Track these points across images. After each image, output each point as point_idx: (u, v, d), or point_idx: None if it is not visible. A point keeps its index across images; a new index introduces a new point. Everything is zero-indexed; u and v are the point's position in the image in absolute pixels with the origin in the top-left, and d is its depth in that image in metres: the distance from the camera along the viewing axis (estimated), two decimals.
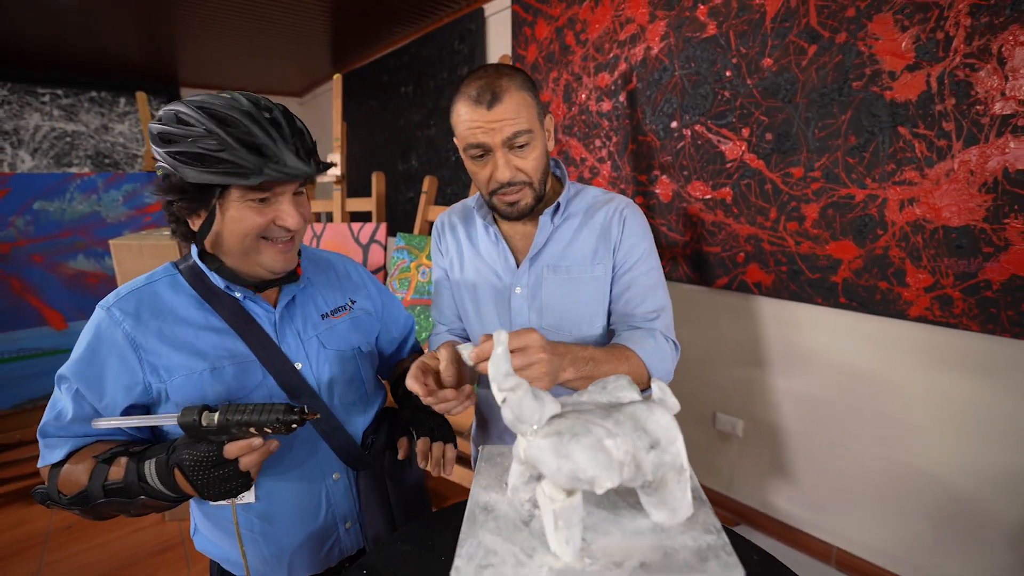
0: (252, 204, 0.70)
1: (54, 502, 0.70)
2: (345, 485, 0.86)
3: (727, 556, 0.40)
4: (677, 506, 0.43)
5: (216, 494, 0.65)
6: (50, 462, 0.72)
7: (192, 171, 0.66)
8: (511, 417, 0.40)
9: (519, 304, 0.93)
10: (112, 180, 2.90)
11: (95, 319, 0.73)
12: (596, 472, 0.37)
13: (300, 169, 0.69)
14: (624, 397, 0.46)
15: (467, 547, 0.42)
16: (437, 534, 0.67)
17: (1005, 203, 1.17)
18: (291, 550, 0.82)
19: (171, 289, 0.78)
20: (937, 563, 1.44)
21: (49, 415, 0.73)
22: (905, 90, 1.28)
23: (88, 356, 0.71)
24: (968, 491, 1.36)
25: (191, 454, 0.63)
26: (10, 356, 2.58)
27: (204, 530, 0.86)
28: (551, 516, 0.39)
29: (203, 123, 0.66)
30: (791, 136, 1.50)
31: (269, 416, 0.63)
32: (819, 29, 1.40)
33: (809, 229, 1.51)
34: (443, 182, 3.12)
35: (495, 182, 0.85)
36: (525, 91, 0.82)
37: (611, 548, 0.42)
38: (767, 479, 1.82)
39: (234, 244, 0.73)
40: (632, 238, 0.91)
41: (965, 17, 1.16)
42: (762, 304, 1.71)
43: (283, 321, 0.82)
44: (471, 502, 0.48)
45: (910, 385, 1.42)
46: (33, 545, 2.12)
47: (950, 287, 1.29)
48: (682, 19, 1.70)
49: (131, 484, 0.66)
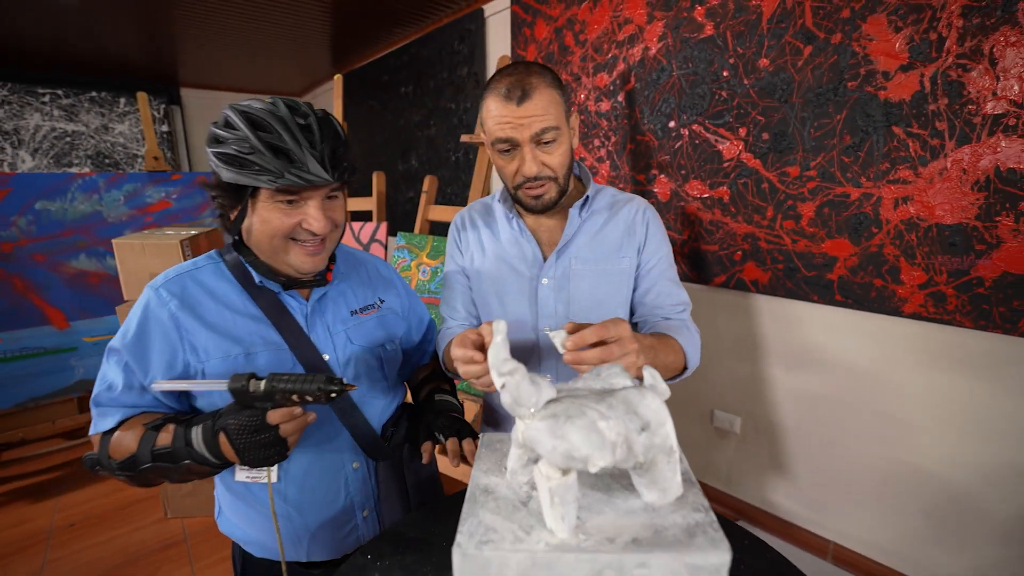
0: (280, 206, 0.74)
1: (103, 467, 0.75)
2: (364, 474, 0.90)
3: (714, 532, 0.42)
4: (667, 486, 0.45)
5: (255, 459, 0.69)
6: (102, 429, 0.77)
7: (227, 171, 0.71)
8: (509, 400, 0.42)
9: (546, 295, 0.95)
10: (113, 180, 2.92)
11: (144, 298, 0.78)
12: (589, 451, 0.39)
13: (321, 176, 0.72)
14: (617, 383, 0.48)
15: (468, 525, 0.44)
16: (442, 523, 0.69)
17: (997, 201, 1.19)
18: (310, 533, 0.86)
19: (215, 276, 0.82)
20: (932, 558, 1.46)
21: (100, 387, 0.78)
22: (899, 90, 1.29)
23: (137, 332, 0.76)
24: (962, 486, 1.38)
25: (236, 419, 0.67)
26: (12, 355, 2.59)
27: (228, 512, 0.90)
28: (547, 494, 0.41)
29: (241, 127, 0.70)
30: (787, 135, 1.51)
31: (311, 385, 0.67)
32: (815, 30, 1.42)
33: (805, 227, 1.53)
34: (443, 182, 3.14)
35: (521, 176, 0.87)
36: (554, 89, 0.85)
37: (604, 526, 0.44)
38: (765, 476, 1.83)
39: (264, 242, 0.77)
40: (657, 237, 0.97)
41: (957, 18, 1.18)
42: (759, 302, 1.73)
43: (314, 314, 0.86)
44: (472, 485, 0.50)
45: (905, 381, 1.44)
46: (36, 542, 2.14)
47: (944, 284, 1.31)
48: (680, 20, 1.72)
49: (178, 449, 0.70)
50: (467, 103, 2.86)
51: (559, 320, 0.94)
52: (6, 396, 2.56)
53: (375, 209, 2.64)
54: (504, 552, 0.41)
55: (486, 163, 2.18)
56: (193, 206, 3.19)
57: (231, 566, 1.89)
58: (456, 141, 2.98)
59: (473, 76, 2.77)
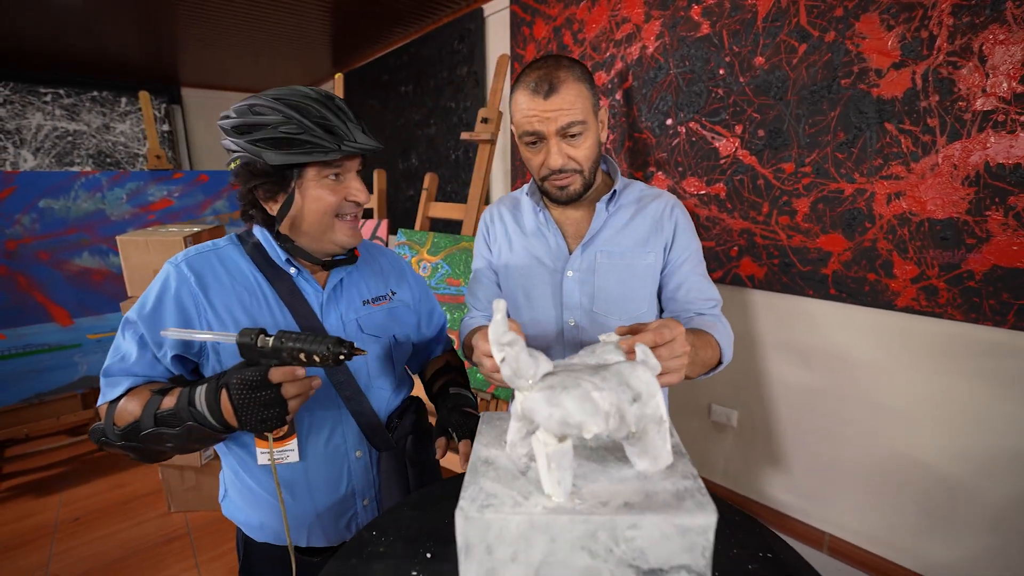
0: (327, 182, 0.78)
1: (107, 439, 0.76)
2: (366, 463, 0.91)
3: (701, 497, 0.45)
4: (658, 454, 0.48)
5: (253, 419, 0.68)
6: (110, 399, 0.78)
7: (274, 154, 0.73)
8: (509, 373, 0.45)
9: (570, 287, 0.96)
10: (116, 179, 2.94)
11: (164, 273, 0.80)
12: (583, 418, 0.42)
13: (370, 143, 0.77)
14: (610, 359, 0.50)
15: (470, 491, 0.47)
16: (442, 502, 0.71)
17: (986, 196, 1.21)
18: (312, 518, 0.88)
19: (236, 257, 0.85)
20: (924, 546, 1.48)
21: (113, 358, 0.79)
22: (891, 87, 1.32)
23: (155, 305, 0.78)
24: (953, 475, 1.40)
25: (239, 375, 0.68)
26: (17, 352, 2.62)
27: (233, 495, 0.92)
28: (544, 460, 0.44)
29: (282, 111, 0.73)
30: (782, 132, 1.54)
31: (320, 346, 0.66)
32: (809, 28, 1.44)
33: (800, 223, 1.55)
34: (443, 180, 3.16)
35: (547, 168, 0.89)
36: (582, 83, 0.86)
37: (598, 491, 0.46)
38: (761, 469, 1.86)
39: (314, 223, 0.80)
40: (687, 233, 0.99)
41: (948, 17, 1.21)
42: (755, 297, 1.75)
43: (329, 302, 0.88)
44: (473, 457, 0.53)
45: (898, 373, 1.46)
46: (42, 535, 2.17)
47: (935, 278, 1.33)
48: (676, 19, 1.74)
49: (181, 409, 0.70)
50: (467, 102, 2.89)
51: (583, 312, 0.95)
52: (11, 392, 2.59)
53: (376, 206, 2.66)
54: (504, 515, 0.43)
55: (486, 161, 2.21)
56: (195, 204, 3.21)
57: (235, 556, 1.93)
58: (456, 140, 3.01)
59: (473, 75, 2.79)
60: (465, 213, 2.26)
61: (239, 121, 0.75)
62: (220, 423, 0.69)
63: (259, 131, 0.74)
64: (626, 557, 0.43)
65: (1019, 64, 1.13)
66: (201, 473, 2.27)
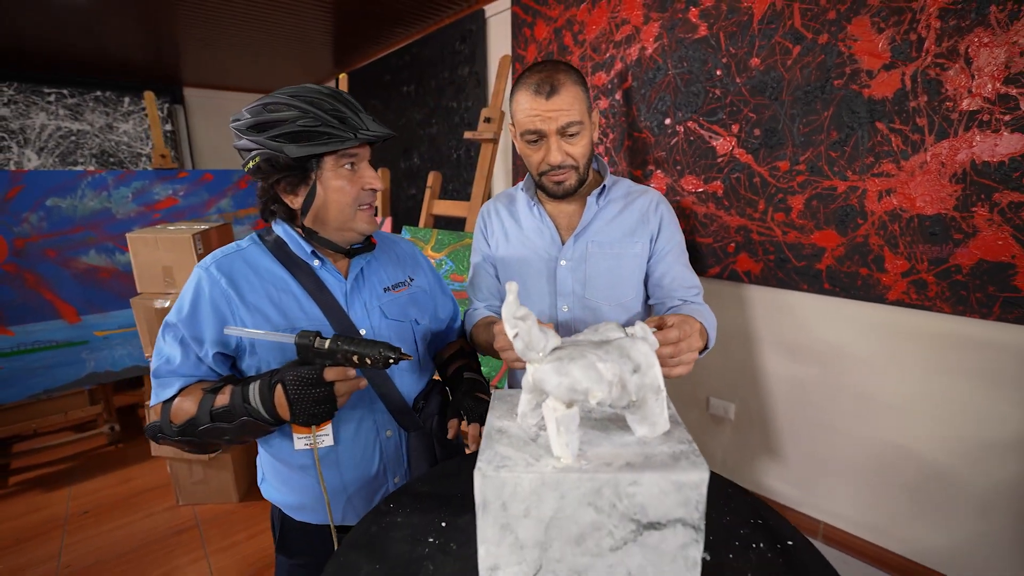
0: (345, 171, 0.83)
1: (164, 435, 0.81)
2: (396, 443, 0.97)
3: (695, 458, 0.49)
4: (656, 421, 0.52)
5: (305, 413, 0.74)
6: (163, 399, 0.84)
7: (295, 147, 0.78)
8: (522, 346, 0.49)
9: (564, 275, 1.03)
10: (122, 178, 2.98)
11: (195, 277, 0.85)
12: (589, 384, 0.47)
13: (382, 130, 0.82)
14: (612, 336, 0.55)
15: (486, 455, 0.51)
16: (456, 477, 0.76)
17: (973, 193, 1.26)
18: (348, 493, 0.94)
19: (260, 256, 0.90)
20: (915, 533, 1.53)
21: (158, 360, 0.85)
22: (882, 88, 1.37)
23: (192, 308, 0.83)
24: (942, 464, 1.45)
25: (294, 373, 0.73)
26: (26, 348, 2.65)
27: (272, 478, 0.97)
28: (554, 424, 0.48)
29: (298, 107, 0.78)
30: (777, 132, 1.58)
31: (372, 349, 0.73)
32: (803, 31, 1.49)
33: (795, 219, 1.60)
34: (445, 179, 3.20)
35: (546, 164, 0.96)
36: (579, 86, 0.93)
37: (602, 454, 0.51)
38: (758, 460, 1.90)
39: (337, 213, 0.85)
40: (671, 227, 1.05)
41: (935, 20, 1.26)
42: (752, 292, 1.80)
43: (353, 292, 0.93)
44: (487, 427, 0.58)
45: (889, 365, 1.51)
46: (52, 528, 2.21)
47: (924, 272, 1.38)
48: (675, 21, 1.79)
49: (236, 406, 0.76)
50: (468, 102, 2.93)
51: (576, 299, 1.02)
52: (20, 388, 2.62)
53: (380, 204, 2.71)
54: (518, 473, 0.48)
55: (489, 160, 2.25)
56: (199, 203, 3.25)
57: (243, 548, 1.98)
58: (457, 139, 3.05)
59: (474, 75, 2.83)
60: (468, 211, 2.30)
61: (256, 120, 0.79)
62: (272, 416, 0.75)
63: (277, 127, 0.78)
64: (628, 512, 0.48)
65: (1002, 66, 1.17)
66: (209, 467, 2.31)
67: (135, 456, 2.80)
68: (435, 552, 0.63)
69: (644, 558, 0.49)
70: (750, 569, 0.58)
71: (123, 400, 3.46)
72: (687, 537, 0.48)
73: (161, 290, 2.17)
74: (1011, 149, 1.19)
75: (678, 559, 0.49)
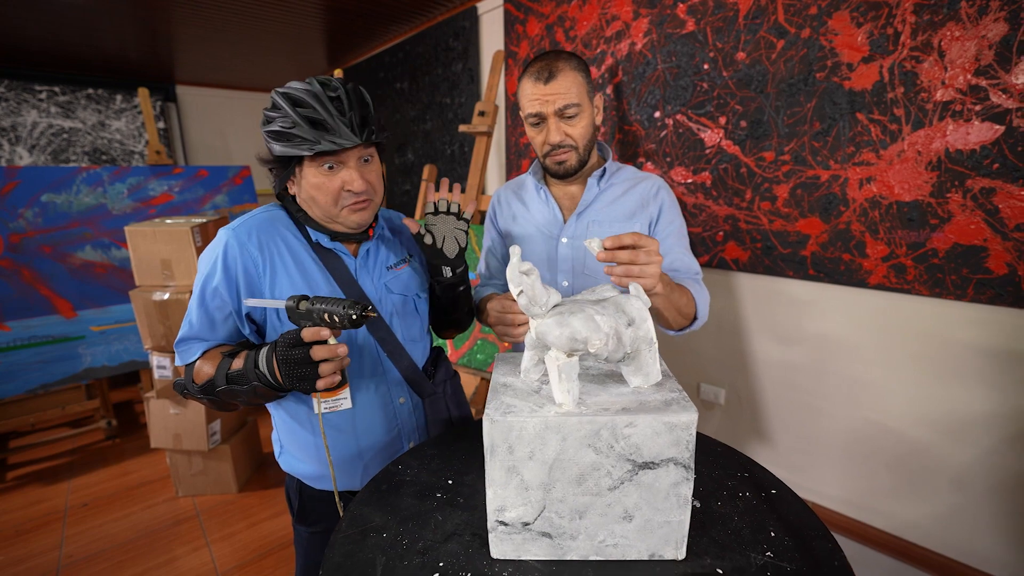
0: (322, 171, 0.85)
1: (188, 391, 0.87)
2: (409, 408, 1.02)
3: (685, 403, 0.54)
4: (649, 371, 0.57)
5: (289, 375, 0.76)
6: (187, 362, 0.89)
7: (277, 145, 0.83)
8: (526, 301, 0.54)
9: (564, 253, 1.09)
10: (117, 174, 2.99)
11: (221, 240, 0.88)
12: (588, 334, 0.51)
13: (351, 139, 0.83)
14: (607, 295, 0.60)
15: (493, 404, 0.56)
16: (459, 441, 0.80)
17: (947, 180, 1.33)
18: (364, 460, 0.98)
19: (285, 223, 0.93)
20: (895, 508, 1.59)
21: (184, 327, 0.89)
22: (861, 80, 1.43)
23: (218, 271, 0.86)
24: (921, 440, 1.51)
25: (283, 335, 0.77)
26: (22, 343, 2.66)
27: (291, 448, 1.01)
28: (556, 372, 0.53)
29: (283, 106, 0.81)
30: (763, 123, 1.64)
31: (337, 307, 0.76)
32: (786, 25, 1.55)
33: (780, 208, 1.66)
34: (439, 173, 3.24)
35: (547, 145, 1.02)
36: (578, 72, 0.99)
37: (600, 402, 0.56)
38: (748, 444, 1.96)
39: (320, 209, 0.89)
40: (671, 211, 1.10)
41: (910, 15, 1.32)
42: (740, 279, 1.86)
43: (361, 269, 0.98)
44: (493, 383, 0.62)
45: (871, 347, 1.57)
46: (53, 520, 2.23)
47: (903, 256, 1.44)
48: (663, 16, 1.85)
49: (247, 371, 0.79)
50: (462, 98, 2.97)
51: (576, 275, 1.08)
52: (17, 383, 2.63)
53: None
54: (523, 418, 0.53)
55: (483, 153, 2.30)
56: (195, 199, 3.27)
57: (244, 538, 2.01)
58: (451, 135, 3.09)
59: (468, 72, 2.88)
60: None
61: (264, 113, 0.85)
62: (276, 381, 0.79)
63: (268, 124, 0.84)
64: (624, 452, 0.52)
65: (973, 58, 1.24)
66: (208, 458, 2.33)
67: (133, 450, 2.82)
68: (443, 504, 0.67)
69: (639, 496, 0.54)
70: (737, 514, 0.63)
71: (120, 396, 3.46)
72: (679, 476, 0.53)
73: (160, 283, 2.19)
74: (982, 137, 1.26)
75: (671, 496, 0.54)
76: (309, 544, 1.06)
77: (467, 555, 0.58)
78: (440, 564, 0.57)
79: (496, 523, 0.56)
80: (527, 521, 0.56)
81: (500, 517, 0.56)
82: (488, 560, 0.57)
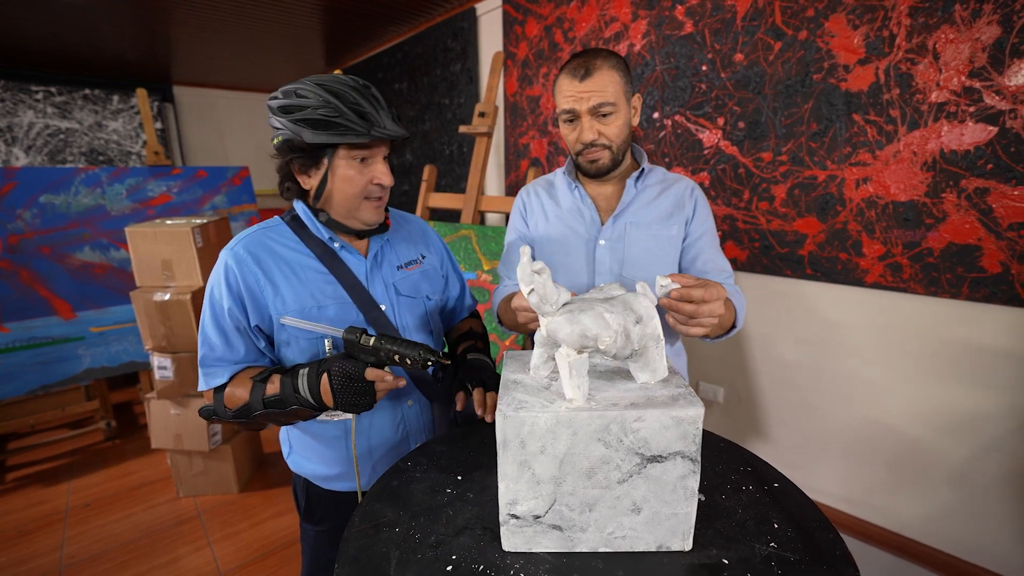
0: (355, 163, 0.87)
1: (219, 416, 0.88)
2: (417, 410, 1.03)
3: (692, 398, 0.56)
4: (656, 367, 0.59)
5: (345, 403, 0.80)
6: (212, 386, 0.90)
7: (311, 133, 0.83)
8: (536, 300, 0.55)
9: (602, 255, 1.08)
10: (116, 174, 2.99)
11: (222, 261, 0.89)
12: (598, 331, 0.53)
13: (398, 131, 0.86)
14: (616, 294, 0.61)
15: (506, 400, 0.57)
16: (468, 438, 0.82)
17: (942, 180, 1.35)
18: (373, 460, 1.00)
19: (284, 236, 0.94)
20: (893, 504, 1.61)
21: (203, 348, 0.90)
22: (858, 81, 1.45)
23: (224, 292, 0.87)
24: (918, 438, 1.53)
25: (339, 366, 0.80)
26: (22, 344, 2.66)
27: (300, 449, 1.02)
28: (567, 368, 0.54)
29: (321, 95, 0.83)
30: (761, 124, 1.66)
31: (413, 351, 0.79)
32: (783, 27, 1.57)
33: (778, 208, 1.68)
34: (437, 174, 3.25)
35: (580, 143, 1.02)
36: (615, 71, 0.98)
37: (609, 397, 0.58)
38: (747, 442, 1.98)
39: (342, 201, 0.90)
40: (703, 211, 1.10)
41: (905, 17, 1.34)
42: (739, 278, 1.88)
43: (372, 270, 0.98)
44: (503, 379, 0.64)
45: (868, 346, 1.59)
46: (54, 521, 2.23)
47: (899, 255, 1.46)
48: (662, 18, 1.86)
49: (287, 396, 0.82)
50: (460, 98, 2.98)
51: (614, 277, 1.08)
52: (16, 384, 2.63)
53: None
54: (535, 413, 0.54)
55: (483, 153, 2.31)
56: (193, 200, 3.26)
57: (246, 537, 2.03)
58: (450, 135, 3.11)
59: (466, 72, 2.89)
60: (463, 203, 2.36)
61: (285, 102, 0.85)
62: (317, 403, 0.81)
63: (300, 112, 0.84)
64: (633, 446, 0.54)
65: (967, 61, 1.26)
66: (209, 458, 2.34)
67: (133, 451, 2.82)
68: (453, 500, 0.69)
69: (648, 489, 0.56)
70: (741, 507, 0.65)
71: (119, 397, 3.46)
72: (685, 468, 0.55)
73: (160, 283, 2.19)
74: (975, 138, 1.28)
75: (678, 489, 0.56)
76: (316, 542, 1.08)
77: (479, 548, 0.60)
78: (453, 557, 0.59)
79: (508, 516, 0.58)
80: (538, 514, 0.57)
81: (512, 510, 0.57)
82: (500, 553, 0.59)
